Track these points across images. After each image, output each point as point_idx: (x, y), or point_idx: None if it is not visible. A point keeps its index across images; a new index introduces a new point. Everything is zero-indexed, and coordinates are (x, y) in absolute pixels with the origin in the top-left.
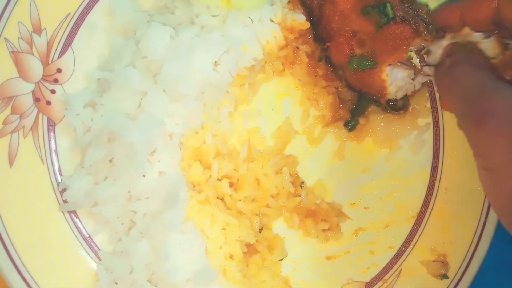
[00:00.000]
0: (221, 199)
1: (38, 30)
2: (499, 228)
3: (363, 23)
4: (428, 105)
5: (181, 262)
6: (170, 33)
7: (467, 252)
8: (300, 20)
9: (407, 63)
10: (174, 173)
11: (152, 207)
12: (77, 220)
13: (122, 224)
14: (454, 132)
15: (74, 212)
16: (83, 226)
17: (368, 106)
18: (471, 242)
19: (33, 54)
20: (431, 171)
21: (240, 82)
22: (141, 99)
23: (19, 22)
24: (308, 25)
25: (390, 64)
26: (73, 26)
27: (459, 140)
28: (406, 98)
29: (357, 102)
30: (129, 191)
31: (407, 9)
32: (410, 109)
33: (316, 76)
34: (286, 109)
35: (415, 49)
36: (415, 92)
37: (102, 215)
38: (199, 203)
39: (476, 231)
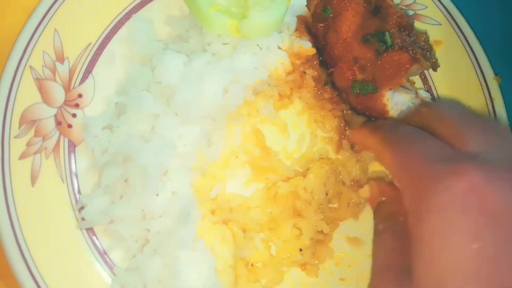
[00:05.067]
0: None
1: (61, 58)
2: None
3: (364, 50)
4: None
5: (192, 279)
6: (184, 60)
7: None
8: (306, 46)
9: (409, 87)
10: (186, 192)
11: (164, 225)
12: (94, 237)
13: (136, 241)
14: None
15: (91, 229)
16: (99, 242)
17: None
18: None
19: (56, 81)
20: None
21: (248, 106)
22: (155, 122)
23: (43, 51)
24: (314, 51)
25: (390, 89)
26: (93, 54)
27: None
28: None
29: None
30: (143, 210)
31: (405, 37)
32: None
33: (322, 99)
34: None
35: (416, 75)
36: None
37: (117, 232)
38: (211, 223)
39: None
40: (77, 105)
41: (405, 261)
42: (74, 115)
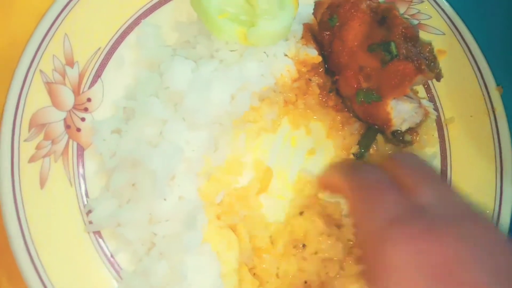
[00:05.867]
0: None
1: (70, 63)
2: None
3: (369, 59)
4: (436, 134)
5: (197, 283)
6: (192, 66)
7: None
8: (312, 54)
9: (412, 96)
10: (192, 197)
11: (171, 229)
12: (101, 240)
13: (143, 245)
14: (461, 160)
15: (98, 232)
16: (106, 246)
17: (374, 139)
18: None
19: (65, 85)
20: None
21: (254, 112)
22: (163, 127)
23: (53, 55)
24: (320, 59)
25: (394, 98)
26: (103, 59)
27: (465, 168)
28: (411, 130)
29: (364, 135)
30: (150, 214)
31: (410, 47)
32: (417, 138)
33: (327, 106)
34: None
35: (420, 84)
36: (419, 124)
37: (124, 236)
38: (217, 227)
39: None
40: (86, 109)
41: None
42: (83, 119)
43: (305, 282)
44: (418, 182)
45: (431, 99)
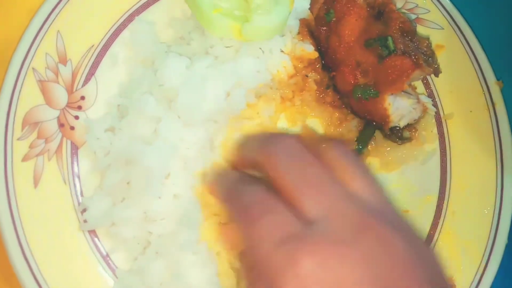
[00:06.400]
0: None
1: (64, 60)
2: (507, 251)
3: (366, 55)
4: (435, 130)
5: (194, 282)
6: (186, 63)
7: (475, 275)
8: (308, 50)
9: (411, 92)
10: (188, 195)
11: (167, 228)
12: (96, 239)
13: (138, 243)
14: (460, 157)
15: (93, 231)
16: (101, 245)
17: (372, 136)
18: (479, 266)
19: (58, 83)
20: (439, 195)
21: (251, 109)
22: (157, 124)
23: (46, 53)
24: (316, 54)
25: (392, 94)
26: (96, 56)
27: (465, 165)
28: (410, 126)
29: (362, 132)
30: (145, 212)
31: (407, 42)
32: (416, 134)
33: (324, 103)
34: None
35: (418, 80)
36: (418, 120)
37: (119, 234)
38: (213, 225)
39: (484, 254)
40: (79, 107)
41: None
42: (76, 117)
43: None
44: (299, 192)
45: (430, 94)
